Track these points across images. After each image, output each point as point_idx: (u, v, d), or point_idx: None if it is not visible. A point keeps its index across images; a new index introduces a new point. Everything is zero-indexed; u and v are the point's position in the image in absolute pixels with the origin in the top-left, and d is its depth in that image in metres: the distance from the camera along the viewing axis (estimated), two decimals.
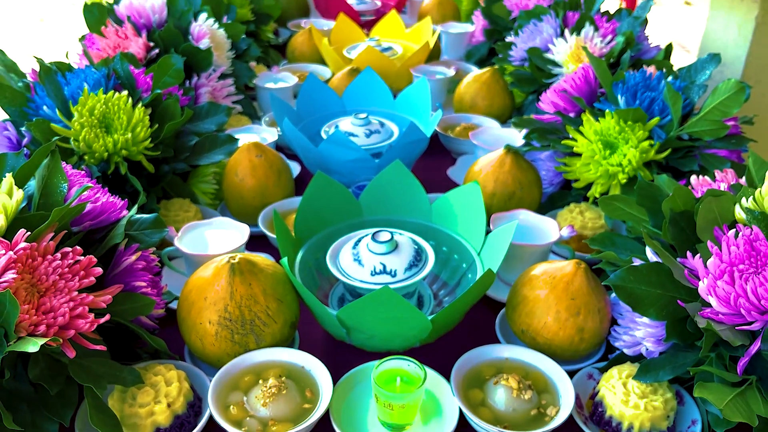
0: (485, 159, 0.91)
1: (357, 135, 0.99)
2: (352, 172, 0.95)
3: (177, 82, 0.90)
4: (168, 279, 0.80)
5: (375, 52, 1.26)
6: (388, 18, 1.47)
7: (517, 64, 1.22)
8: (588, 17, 1.14)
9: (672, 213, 0.61)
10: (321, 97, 1.10)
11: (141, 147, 0.82)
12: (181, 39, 1.08)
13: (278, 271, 0.66)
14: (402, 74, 1.30)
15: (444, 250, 0.79)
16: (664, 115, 0.87)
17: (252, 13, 1.44)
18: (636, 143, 0.83)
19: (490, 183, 0.88)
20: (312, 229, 0.78)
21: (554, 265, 0.67)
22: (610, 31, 1.15)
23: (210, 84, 1.09)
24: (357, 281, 0.68)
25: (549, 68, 1.14)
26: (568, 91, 0.95)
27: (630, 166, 0.82)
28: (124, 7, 1.12)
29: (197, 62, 1.08)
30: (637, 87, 0.89)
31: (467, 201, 0.78)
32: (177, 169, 0.89)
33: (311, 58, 1.42)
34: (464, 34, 1.53)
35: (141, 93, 0.89)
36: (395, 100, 1.11)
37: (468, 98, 1.18)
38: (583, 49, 0.95)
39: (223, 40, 1.16)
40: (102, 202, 0.63)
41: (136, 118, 0.82)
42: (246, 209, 0.89)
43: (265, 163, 0.88)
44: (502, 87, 1.18)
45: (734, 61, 1.31)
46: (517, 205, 0.88)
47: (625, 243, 0.71)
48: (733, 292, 0.54)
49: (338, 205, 0.79)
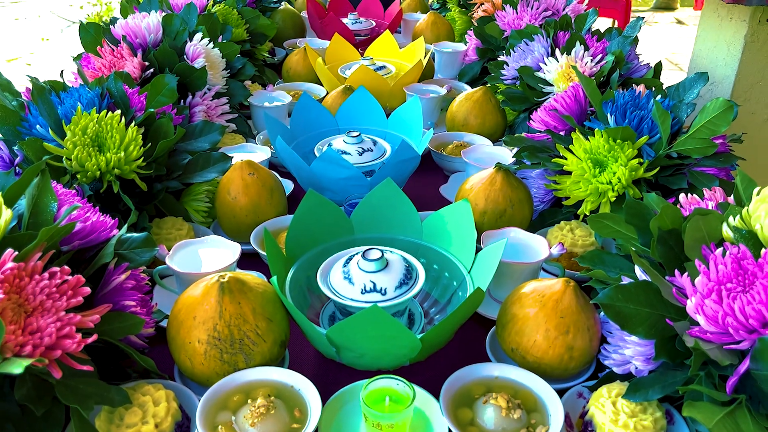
0: (476, 177, 0.92)
1: (350, 153, 1.00)
2: (345, 189, 0.96)
3: (170, 101, 0.91)
4: (159, 297, 0.80)
5: (368, 72, 1.27)
6: (382, 38, 1.49)
7: (508, 83, 1.23)
8: (578, 37, 1.15)
9: (660, 231, 0.62)
10: (314, 115, 1.10)
11: (133, 166, 0.83)
12: (176, 58, 1.09)
13: (268, 289, 0.66)
14: (395, 93, 1.31)
15: (435, 267, 0.79)
16: (653, 134, 0.88)
17: (247, 33, 1.46)
18: (625, 161, 0.84)
19: (481, 201, 0.88)
20: (303, 246, 0.78)
21: (544, 284, 0.67)
22: (600, 51, 1.16)
23: (204, 103, 1.10)
24: (347, 300, 0.68)
25: (540, 87, 1.15)
26: (559, 110, 0.96)
27: (619, 184, 0.83)
28: (120, 26, 1.13)
29: (192, 81, 1.09)
30: (627, 106, 0.90)
31: (458, 219, 0.78)
32: (170, 187, 0.89)
33: (306, 77, 1.43)
34: (457, 53, 1.55)
35: (135, 112, 0.90)
36: (388, 119, 1.12)
37: (460, 117, 1.19)
38: (573, 68, 0.96)
39: (217, 60, 1.17)
40: (92, 222, 0.64)
41: (128, 137, 0.83)
42: (239, 227, 0.89)
43: (257, 181, 0.89)
44: (494, 106, 1.19)
45: (723, 79, 1.33)
46: (508, 222, 0.88)
47: (615, 261, 0.71)
48: (721, 311, 0.54)
49: (329, 223, 0.80)
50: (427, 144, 1.00)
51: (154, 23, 1.13)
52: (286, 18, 1.74)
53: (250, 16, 1.46)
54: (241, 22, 1.44)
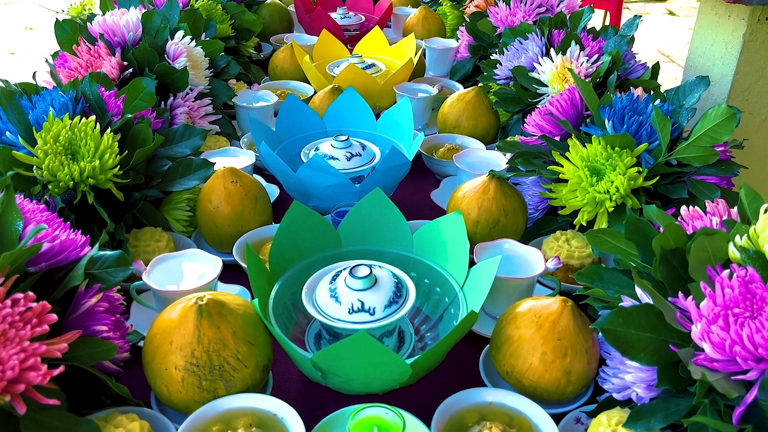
0: (469, 185, 0.88)
1: (337, 158, 0.96)
2: (332, 197, 0.92)
3: (149, 106, 0.87)
4: (137, 314, 0.76)
5: (357, 70, 1.23)
6: (371, 34, 1.44)
7: (502, 83, 1.20)
8: (573, 36, 1.12)
9: (663, 250, 0.59)
10: (301, 117, 1.06)
11: (109, 175, 0.78)
12: (156, 58, 1.05)
13: (250, 310, 0.62)
14: (385, 92, 1.27)
15: (426, 282, 0.76)
16: (652, 140, 0.85)
17: (232, 29, 1.41)
18: (623, 170, 0.80)
19: (473, 210, 0.85)
20: (288, 261, 0.74)
21: (540, 303, 0.64)
22: (596, 50, 1.13)
23: (186, 104, 1.06)
24: (334, 320, 0.65)
25: (534, 88, 1.12)
26: (554, 114, 0.93)
27: (617, 194, 0.80)
28: (97, 24, 1.08)
29: (173, 82, 1.05)
30: (624, 111, 0.87)
31: (450, 231, 0.75)
32: (148, 196, 0.85)
33: (293, 75, 1.39)
34: (449, 50, 1.51)
35: (111, 117, 0.86)
36: (378, 121, 1.08)
37: (452, 118, 1.15)
38: (569, 71, 0.93)
39: (200, 59, 1.12)
40: (60, 241, 0.60)
41: (104, 144, 0.79)
42: (221, 237, 0.86)
43: (240, 189, 0.85)
44: (486, 107, 1.15)
45: (721, 79, 1.30)
46: (502, 232, 0.85)
47: (614, 277, 0.68)
48: (728, 339, 0.51)
49: (316, 235, 0.76)
50: (417, 148, 0.96)
51: (134, 21, 1.09)
52: (273, 12, 1.69)
53: (235, 11, 1.41)
54: (226, 17, 1.39)
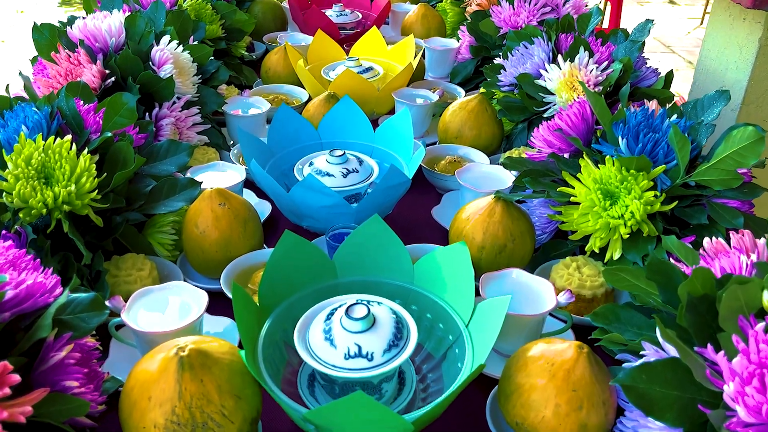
0: (473, 206, 0.83)
1: (333, 175, 0.90)
2: (328, 218, 0.87)
3: (130, 123, 0.81)
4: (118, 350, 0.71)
5: (354, 76, 1.17)
6: (368, 35, 1.38)
7: (506, 89, 1.14)
8: (582, 42, 1.06)
9: (690, 297, 0.54)
10: (294, 128, 1.01)
11: (86, 200, 0.73)
12: (141, 66, 0.98)
13: (237, 358, 0.57)
14: (383, 99, 1.21)
15: (428, 317, 0.71)
16: (669, 159, 0.79)
17: (223, 30, 1.35)
18: (639, 194, 0.75)
19: (478, 234, 0.80)
20: (279, 295, 0.69)
21: (553, 348, 0.59)
22: (606, 57, 1.07)
23: (173, 114, 1.00)
24: (328, 366, 0.60)
25: (540, 96, 1.06)
26: (564, 130, 0.87)
27: (633, 219, 0.75)
28: (77, 29, 1.02)
29: (158, 91, 0.99)
30: (639, 127, 0.81)
31: (454, 263, 0.69)
32: (130, 219, 0.79)
33: (287, 78, 1.33)
34: (449, 51, 1.45)
35: (89, 134, 0.80)
36: (375, 132, 1.02)
37: (454, 128, 1.10)
38: (581, 84, 0.87)
39: (188, 65, 1.06)
40: (27, 286, 0.54)
41: (80, 167, 0.73)
42: (207, 264, 0.80)
43: (229, 212, 0.79)
44: (490, 116, 1.10)
45: (735, 84, 1.24)
46: (509, 258, 0.80)
47: (631, 317, 0.63)
48: (765, 402, 0.46)
49: (309, 266, 0.71)
50: (418, 164, 0.91)
51: (116, 25, 1.02)
52: (265, 10, 1.62)
53: (225, 10, 1.35)
54: (216, 17, 1.32)
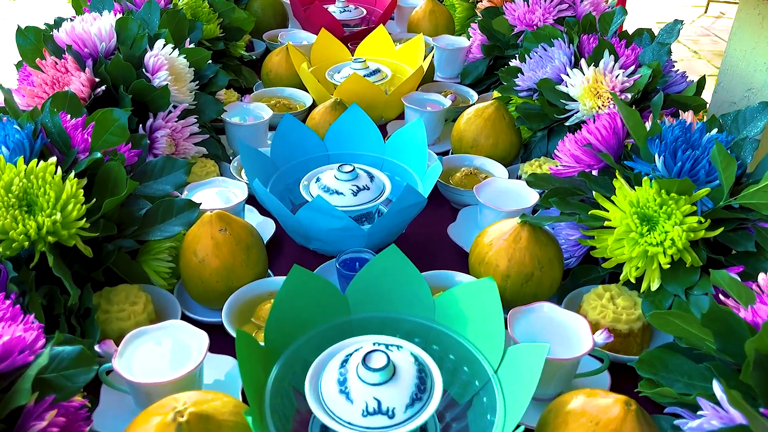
0: (496, 230, 0.76)
1: (342, 193, 0.83)
2: (338, 241, 0.80)
3: (121, 141, 0.74)
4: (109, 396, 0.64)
5: (360, 80, 1.09)
6: (375, 34, 1.31)
7: (523, 95, 1.07)
8: (607, 45, 0.99)
9: (758, 354, 0.47)
10: (299, 139, 0.94)
11: (73, 229, 0.66)
12: (133, 73, 0.91)
13: (242, 420, 0.51)
14: (392, 103, 1.14)
15: (451, 358, 0.65)
16: (711, 179, 0.73)
17: (221, 29, 1.27)
18: (680, 219, 0.69)
19: (503, 262, 0.73)
20: (288, 335, 0.62)
21: (596, 403, 0.53)
22: (632, 61, 1.00)
23: (168, 125, 0.93)
24: (345, 425, 0.53)
25: (562, 103, 0.99)
26: (594, 146, 0.80)
27: (674, 248, 0.68)
28: (64, 32, 0.94)
29: (152, 101, 0.92)
30: (677, 143, 0.75)
31: (480, 300, 0.63)
32: (123, 247, 0.73)
33: (289, 81, 1.25)
34: (460, 50, 1.37)
35: (77, 154, 0.73)
36: (386, 143, 0.95)
37: (469, 136, 1.03)
38: (613, 96, 0.80)
39: (184, 70, 0.99)
40: (3, 343, 0.48)
41: (66, 192, 0.66)
42: (208, 294, 0.74)
43: (230, 239, 0.73)
44: (507, 124, 1.03)
45: (763, 86, 1.17)
46: (536, 287, 0.73)
47: (681, 365, 0.57)
48: None
49: (320, 303, 0.64)
50: (435, 182, 0.84)
51: (107, 29, 0.95)
52: (265, 6, 1.54)
53: (223, 8, 1.27)
54: (214, 16, 1.25)
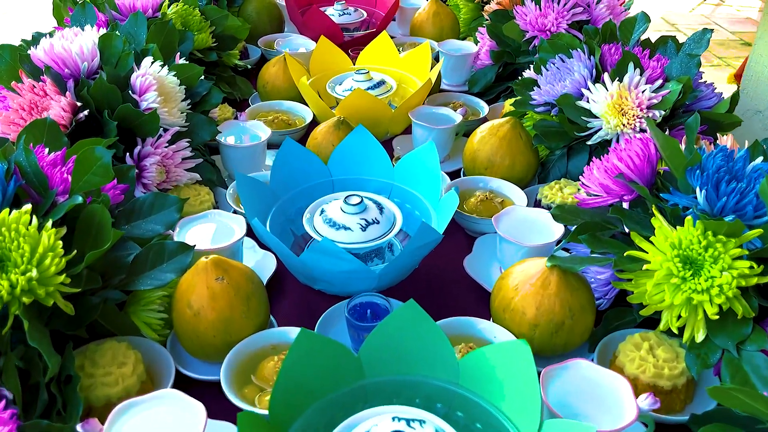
0: (521, 272, 0.69)
1: (350, 228, 0.76)
2: (346, 282, 0.73)
3: (105, 182, 0.66)
4: None
5: (364, 96, 1.02)
6: (378, 41, 1.23)
7: (540, 110, 0.99)
8: (631, 57, 0.91)
9: None
10: (301, 165, 0.86)
11: (52, 287, 0.59)
12: (118, 96, 0.84)
13: None
14: (398, 118, 1.07)
15: (478, 427, 0.58)
16: (760, 214, 0.66)
17: (213, 38, 1.19)
18: (729, 263, 0.62)
19: (530, 309, 0.66)
20: (296, 406, 0.55)
21: None
22: (659, 74, 0.93)
23: (158, 151, 0.85)
24: None
25: (584, 120, 0.92)
26: (626, 175, 0.73)
27: (722, 296, 0.61)
28: (42, 51, 0.87)
29: (140, 126, 0.84)
30: (719, 174, 0.68)
31: (512, 364, 0.56)
32: (109, 299, 0.66)
33: (288, 93, 1.18)
34: (467, 56, 1.30)
35: (56, 196, 0.65)
36: (395, 168, 0.88)
37: (483, 156, 0.95)
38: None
39: (174, 89, 0.91)
40: None
41: (43, 245, 0.59)
42: (204, 349, 0.67)
43: (228, 288, 0.66)
44: (524, 143, 0.95)
45: None
46: (566, 336, 0.67)
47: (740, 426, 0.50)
48: None
49: (330, 368, 0.57)
50: (452, 215, 0.77)
51: (89, 47, 0.87)
52: (260, 9, 1.46)
53: (215, 16, 1.19)
54: (205, 24, 1.17)
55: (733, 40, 4.16)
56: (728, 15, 4.57)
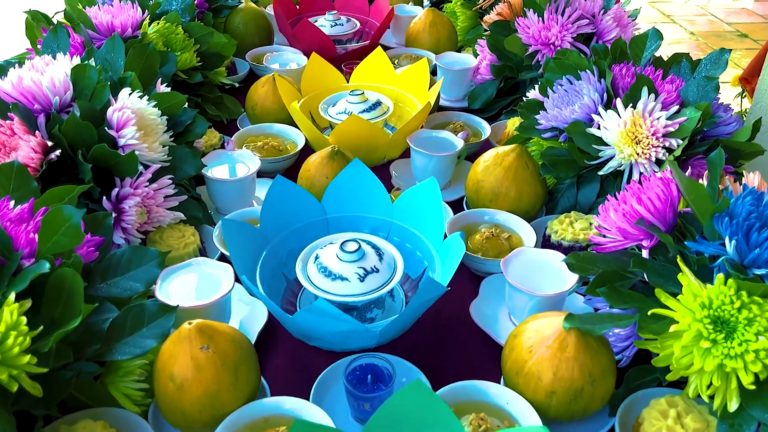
0: (536, 332, 0.63)
1: (347, 279, 0.70)
2: (344, 341, 0.68)
3: (74, 244, 0.60)
4: None
5: (359, 122, 0.96)
6: (372, 57, 1.16)
7: (548, 137, 0.93)
8: (645, 81, 0.85)
9: None
10: (293, 204, 0.80)
11: (17, 368, 0.53)
12: (93, 133, 0.77)
13: None
14: (396, 143, 1.01)
15: None
16: None
17: (198, 57, 1.12)
18: (766, 326, 0.56)
19: (546, 374, 0.61)
20: None
21: None
22: (674, 98, 0.87)
23: (138, 192, 0.79)
24: None
25: (595, 149, 0.86)
26: (646, 219, 0.67)
27: (758, 363, 0.56)
28: (10, 84, 0.80)
29: (117, 166, 0.78)
30: (750, 221, 0.62)
31: None
32: (83, 372, 0.59)
33: (278, 116, 1.11)
34: (466, 71, 1.23)
35: (21, 259, 0.59)
36: (394, 205, 0.82)
37: (488, 188, 0.89)
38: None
39: (155, 122, 0.85)
40: None
41: (5, 322, 0.52)
42: (189, 424, 0.61)
43: (215, 358, 0.59)
44: (531, 173, 0.89)
45: None
46: (586, 403, 0.61)
47: None
48: None
49: None
50: (457, 265, 0.71)
51: (61, 78, 0.81)
52: (247, 20, 1.39)
53: (200, 33, 1.12)
54: (189, 43, 1.10)
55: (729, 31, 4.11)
56: (724, 5, 4.52)
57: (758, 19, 4.29)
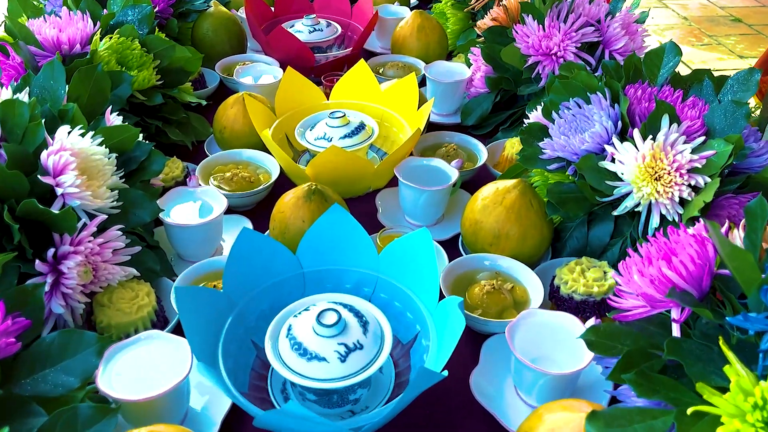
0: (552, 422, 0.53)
1: (326, 359, 0.59)
2: None
3: None
4: None
5: (340, 154, 0.84)
6: (354, 71, 1.04)
7: (554, 168, 0.82)
8: (666, 108, 0.74)
9: None
10: (263, 259, 0.69)
11: None
12: (25, 184, 0.66)
13: None
14: (382, 172, 0.90)
15: None
16: None
17: (158, 74, 1.00)
18: None
19: None
20: None
21: None
22: (698, 127, 0.76)
23: (80, 249, 0.67)
24: None
25: (608, 186, 0.75)
26: (677, 285, 0.57)
27: None
28: None
29: (53, 222, 0.66)
30: None
31: None
32: None
33: (248, 141, 0.99)
34: (459, 83, 1.12)
35: None
36: (380, 255, 0.71)
37: (487, 229, 0.78)
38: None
39: (101, 162, 0.73)
40: None
41: None
42: None
43: None
44: (536, 212, 0.78)
45: None
46: None
47: None
48: None
49: None
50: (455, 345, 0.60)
51: None
52: (217, 26, 1.26)
53: (160, 47, 1.00)
54: (148, 59, 0.97)
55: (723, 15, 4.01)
56: None
57: (752, 3, 4.20)
